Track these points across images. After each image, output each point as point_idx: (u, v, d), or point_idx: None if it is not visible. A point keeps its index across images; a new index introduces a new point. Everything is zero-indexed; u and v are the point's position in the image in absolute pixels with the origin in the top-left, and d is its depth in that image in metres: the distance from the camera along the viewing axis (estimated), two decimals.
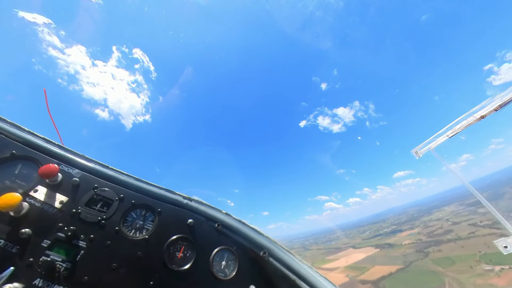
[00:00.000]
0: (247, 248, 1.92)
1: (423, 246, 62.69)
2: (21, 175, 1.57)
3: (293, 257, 1.96)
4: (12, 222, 1.36)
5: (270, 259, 1.90)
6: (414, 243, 67.74)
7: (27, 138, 1.68)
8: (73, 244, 1.43)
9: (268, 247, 1.93)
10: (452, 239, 61.37)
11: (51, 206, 1.49)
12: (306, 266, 1.92)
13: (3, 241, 1.29)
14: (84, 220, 1.53)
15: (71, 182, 1.62)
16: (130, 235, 1.62)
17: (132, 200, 1.73)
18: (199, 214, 1.91)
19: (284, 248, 2.00)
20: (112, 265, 1.46)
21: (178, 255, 1.69)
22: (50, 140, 1.77)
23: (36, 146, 1.67)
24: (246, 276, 1.82)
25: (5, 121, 1.70)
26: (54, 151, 1.70)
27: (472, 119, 1.96)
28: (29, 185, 1.52)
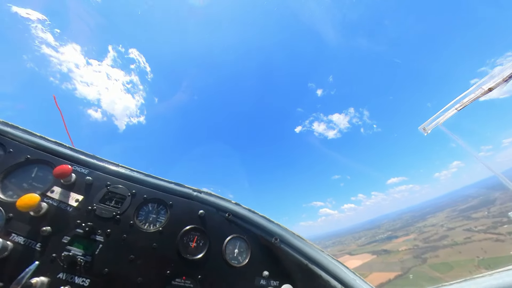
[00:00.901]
0: (258, 235, 1.95)
1: (420, 252, 62.41)
2: (37, 177, 1.64)
3: (304, 242, 1.98)
4: (32, 221, 1.42)
5: (282, 245, 1.93)
6: (410, 249, 67.40)
7: (39, 142, 1.74)
8: (92, 239, 1.49)
9: (279, 233, 1.95)
10: (449, 244, 60.96)
11: (67, 205, 1.55)
12: (318, 250, 1.94)
13: (25, 239, 1.35)
14: (100, 216, 1.58)
15: (84, 181, 1.67)
16: (144, 228, 1.67)
17: (144, 195, 1.78)
18: (210, 205, 1.94)
19: (295, 234, 2.02)
20: (130, 256, 1.51)
21: (191, 245, 1.74)
22: (61, 143, 1.83)
23: (48, 149, 1.73)
24: (259, 263, 1.85)
25: (17, 128, 1.76)
26: (66, 153, 1.76)
27: (480, 92, 1.89)
28: (46, 187, 1.59)
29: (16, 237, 1.35)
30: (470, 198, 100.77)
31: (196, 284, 1.61)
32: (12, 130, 1.72)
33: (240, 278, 1.74)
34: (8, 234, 1.34)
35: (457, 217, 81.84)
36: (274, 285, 1.80)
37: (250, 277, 1.77)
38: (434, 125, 2.30)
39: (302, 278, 1.88)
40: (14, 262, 1.28)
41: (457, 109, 1.91)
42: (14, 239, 1.34)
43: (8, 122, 1.77)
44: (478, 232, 60.34)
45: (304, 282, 1.87)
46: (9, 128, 1.72)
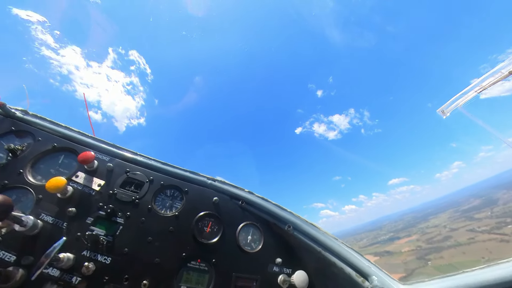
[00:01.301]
0: (271, 223, 1.97)
1: (424, 253, 59.52)
2: (63, 164, 1.75)
3: (318, 230, 1.97)
4: (59, 203, 1.52)
5: (295, 232, 1.93)
6: (413, 250, 64.43)
7: (64, 132, 1.86)
8: (113, 221, 1.57)
9: (292, 221, 1.95)
10: (452, 245, 57.92)
11: (91, 189, 1.65)
12: (331, 238, 1.93)
13: (53, 219, 1.45)
14: (120, 200, 1.66)
15: (106, 167, 1.77)
16: (161, 212, 1.73)
17: (161, 182, 1.85)
18: (223, 193, 1.99)
19: (308, 221, 2.01)
20: (148, 238, 1.57)
21: (206, 230, 1.78)
22: (84, 132, 1.94)
23: (73, 138, 1.85)
24: (272, 249, 1.87)
25: (45, 119, 1.89)
26: (89, 142, 1.87)
27: (500, 75, 1.81)
28: (71, 172, 1.69)
29: (45, 217, 1.44)
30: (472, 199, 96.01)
31: (210, 267, 1.64)
32: (40, 121, 1.85)
33: (253, 264, 1.76)
34: (38, 214, 1.44)
35: (459, 218, 78.33)
36: (287, 272, 1.80)
37: (263, 263, 1.79)
38: (453, 108, 2.21)
39: (315, 265, 1.87)
40: (43, 239, 1.37)
41: (477, 92, 1.84)
42: (43, 218, 1.43)
43: (37, 114, 1.90)
44: (482, 232, 57.32)
45: (317, 269, 1.86)
46: (37, 119, 1.85)
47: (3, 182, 1.50)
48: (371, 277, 1.61)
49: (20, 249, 1.31)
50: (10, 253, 1.29)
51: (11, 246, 1.31)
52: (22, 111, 1.85)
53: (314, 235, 1.91)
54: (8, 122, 1.75)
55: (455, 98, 1.95)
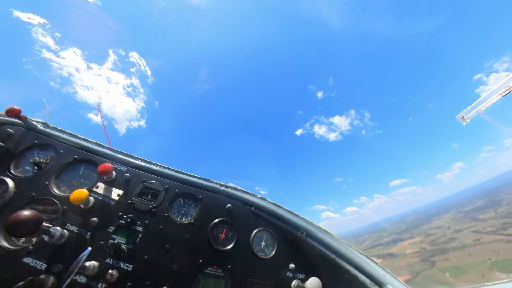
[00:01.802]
0: (284, 229, 2.00)
1: (428, 255, 57.96)
2: (84, 175, 1.84)
3: (331, 236, 1.98)
4: (82, 213, 1.61)
5: (308, 239, 1.95)
6: (418, 252, 62.85)
7: (84, 144, 1.95)
8: (132, 229, 1.65)
9: (305, 227, 1.98)
10: (458, 247, 56.06)
11: (110, 199, 1.73)
12: (345, 245, 1.94)
13: (78, 228, 1.54)
14: (138, 209, 1.74)
15: (123, 177, 1.85)
16: (177, 220, 1.80)
17: (176, 190, 1.92)
18: (236, 199, 2.03)
19: (321, 228, 2.03)
20: (166, 246, 1.65)
21: (220, 236, 1.84)
22: (102, 144, 2.03)
23: (91, 149, 1.93)
24: (285, 255, 1.90)
25: (65, 132, 1.99)
26: (107, 153, 1.95)
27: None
28: (91, 183, 1.78)
29: (70, 227, 1.53)
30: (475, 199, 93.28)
31: (226, 273, 1.70)
32: (60, 134, 1.94)
33: (267, 269, 1.80)
34: (64, 224, 1.53)
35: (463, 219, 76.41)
36: (301, 278, 1.83)
37: (277, 269, 1.83)
38: (474, 113, 2.08)
39: (328, 272, 1.89)
40: (70, 247, 1.46)
41: (502, 95, 1.73)
42: (69, 228, 1.52)
43: (57, 127, 2.00)
44: (487, 233, 55.41)
45: (330, 276, 1.88)
46: (57, 132, 1.95)
47: (31, 195, 1.60)
48: (386, 286, 1.62)
49: (50, 257, 1.40)
50: (42, 262, 1.39)
51: (42, 255, 1.41)
52: (43, 123, 1.95)
53: (327, 241, 1.93)
54: (31, 135, 1.85)
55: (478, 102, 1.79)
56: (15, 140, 1.80)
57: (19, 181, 1.64)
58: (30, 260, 1.37)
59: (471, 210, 76.80)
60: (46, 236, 1.38)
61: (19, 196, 1.58)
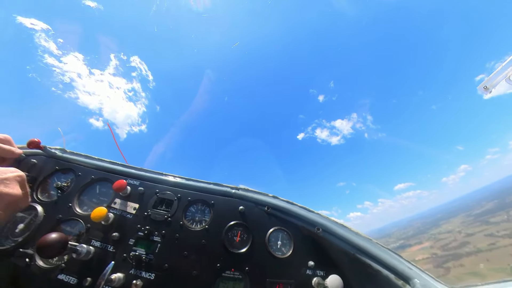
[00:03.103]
0: (299, 226, 2.00)
1: (441, 261, 53.25)
2: (102, 192, 2.00)
3: (349, 231, 1.94)
4: (104, 229, 1.76)
5: (325, 234, 1.93)
6: (429, 258, 57.91)
7: (98, 164, 2.11)
8: (151, 240, 1.76)
9: (321, 223, 1.96)
10: (472, 251, 50.75)
11: (128, 213, 1.86)
12: (365, 239, 1.89)
13: (101, 243, 1.68)
14: (154, 220, 1.85)
15: (138, 191, 1.97)
16: (192, 227, 1.89)
17: (188, 198, 2.00)
18: (248, 201, 2.07)
19: (338, 222, 2.00)
20: (184, 253, 1.74)
21: (236, 239, 1.89)
22: (115, 161, 2.18)
23: (106, 168, 2.09)
24: (303, 253, 1.91)
25: (80, 155, 2.16)
26: (120, 170, 2.09)
27: None
28: (109, 200, 1.93)
29: (95, 243, 1.68)
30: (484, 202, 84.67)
31: (244, 275, 1.75)
32: (77, 157, 2.12)
33: (285, 269, 1.82)
34: (89, 241, 1.69)
35: (473, 222, 69.90)
36: (321, 275, 1.83)
37: (296, 267, 1.84)
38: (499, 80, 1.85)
39: (350, 267, 1.86)
40: (96, 262, 1.61)
41: None
42: (93, 244, 1.68)
43: (74, 151, 2.18)
44: (502, 237, 49.78)
45: (352, 271, 1.85)
46: (74, 156, 2.13)
47: (58, 217, 1.78)
48: (413, 280, 1.55)
49: (79, 272, 1.57)
50: (73, 277, 1.55)
51: (73, 271, 1.57)
52: (60, 150, 2.14)
53: (345, 236, 1.89)
54: (52, 162, 2.04)
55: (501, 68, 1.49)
56: (39, 168, 2.00)
57: (46, 205, 1.84)
58: (64, 276, 1.54)
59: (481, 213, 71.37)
60: (74, 253, 1.53)
61: (48, 219, 1.77)
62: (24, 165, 2.00)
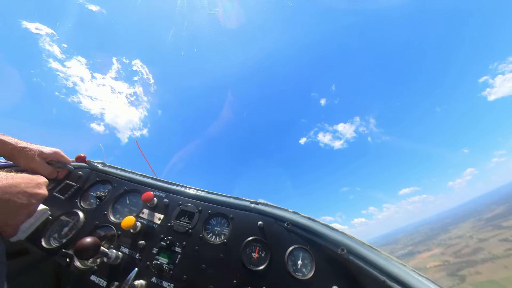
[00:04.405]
0: (322, 245, 1.92)
1: (455, 269, 42.97)
2: (132, 203, 2.24)
3: (379, 254, 1.80)
4: (132, 237, 1.95)
5: (350, 257, 1.82)
6: (441, 266, 47.15)
7: (131, 176, 2.39)
8: (173, 250, 1.89)
9: (345, 243, 1.86)
10: (488, 258, 40.27)
11: (153, 223, 2.04)
12: (397, 264, 1.73)
13: (129, 250, 1.86)
14: (176, 231, 1.99)
15: (163, 203, 2.16)
16: (211, 240, 1.97)
17: (208, 211, 2.11)
18: (268, 216, 2.08)
19: (365, 243, 1.87)
20: (202, 266, 1.81)
21: (254, 255, 1.90)
22: (145, 174, 2.44)
23: (137, 180, 2.35)
24: (326, 276, 1.81)
25: (117, 168, 2.48)
26: (148, 182, 2.33)
27: None
28: (138, 209, 2.15)
29: (123, 249, 1.87)
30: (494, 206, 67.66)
31: None
32: (114, 170, 2.44)
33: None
34: (118, 247, 1.89)
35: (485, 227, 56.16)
36: None
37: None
38: None
39: None
40: (124, 267, 1.78)
41: None
42: (122, 250, 1.86)
43: (112, 165, 2.52)
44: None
45: None
46: (112, 169, 2.46)
47: (95, 223, 2.04)
48: None
49: (109, 276, 1.75)
50: (103, 279, 1.74)
51: (103, 273, 1.76)
52: (101, 163, 2.50)
53: (374, 260, 1.76)
54: (94, 174, 2.39)
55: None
56: (83, 180, 2.36)
57: (87, 212, 2.13)
58: (95, 278, 1.74)
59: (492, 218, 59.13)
60: (105, 257, 1.73)
61: (87, 225, 2.04)
62: (73, 177, 2.37)
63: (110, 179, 2.38)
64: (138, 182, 2.33)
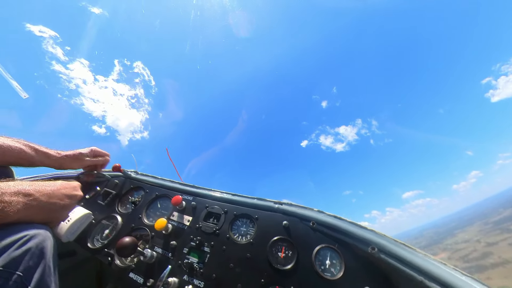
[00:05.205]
0: (350, 244, 1.89)
1: None
2: (163, 206, 2.42)
3: (413, 252, 1.72)
4: (165, 238, 2.11)
5: (382, 255, 1.76)
6: None
7: (160, 182, 2.59)
8: (202, 250, 2.00)
9: (375, 241, 1.80)
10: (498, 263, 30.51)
11: (183, 224, 2.19)
12: (436, 262, 1.63)
13: (162, 250, 2.02)
14: (204, 232, 2.11)
15: (191, 206, 2.31)
16: (238, 240, 2.04)
17: (234, 212, 2.21)
18: (292, 216, 2.11)
19: (398, 241, 1.80)
20: (230, 265, 1.89)
21: (280, 255, 1.93)
22: (173, 180, 2.63)
23: (166, 186, 2.55)
24: (357, 276, 1.76)
25: (148, 175, 2.72)
26: (177, 187, 2.51)
27: None
28: (169, 212, 2.32)
29: (157, 249, 2.03)
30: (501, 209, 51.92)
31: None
32: (146, 177, 2.68)
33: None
34: (153, 247, 2.05)
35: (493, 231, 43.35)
36: None
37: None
38: None
39: None
40: (158, 266, 1.93)
41: None
42: (156, 250, 2.02)
43: (144, 173, 2.76)
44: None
45: None
46: (144, 177, 2.70)
47: (131, 225, 2.25)
48: None
49: (145, 273, 1.90)
50: (140, 277, 1.90)
51: (140, 271, 1.93)
52: (134, 172, 2.76)
53: (410, 259, 1.68)
54: (128, 182, 2.65)
55: None
56: (119, 187, 2.62)
57: (124, 216, 2.36)
58: (133, 275, 1.91)
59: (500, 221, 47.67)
60: (142, 256, 1.90)
61: (125, 227, 2.26)
62: (111, 185, 2.65)
63: (142, 185, 2.61)
64: (167, 188, 2.52)
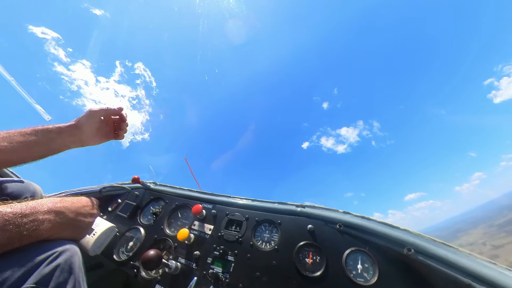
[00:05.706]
0: (382, 246, 1.77)
1: None
2: (183, 216, 2.43)
3: (457, 251, 1.58)
4: (187, 248, 2.10)
5: (420, 257, 1.64)
6: None
7: (179, 192, 2.61)
8: (226, 259, 1.96)
9: (411, 242, 1.68)
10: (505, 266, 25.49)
11: (205, 233, 2.17)
12: (484, 262, 1.48)
13: (186, 260, 2.01)
14: (227, 240, 2.07)
15: (211, 214, 2.29)
16: (262, 247, 1.99)
17: (256, 218, 2.16)
18: (316, 218, 2.02)
19: (437, 241, 1.66)
20: (256, 273, 1.83)
21: (308, 261, 1.85)
22: (192, 189, 2.64)
23: (185, 195, 2.55)
24: (393, 281, 1.65)
25: (166, 186, 2.75)
26: (196, 196, 2.51)
27: None
28: (190, 222, 2.32)
29: (181, 259, 2.03)
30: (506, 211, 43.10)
31: None
32: (165, 188, 2.71)
33: None
34: (176, 258, 2.05)
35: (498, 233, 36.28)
36: None
37: None
38: None
39: None
40: (183, 276, 1.92)
41: None
42: (180, 261, 2.02)
43: (162, 183, 2.80)
44: None
45: None
46: (162, 187, 2.73)
47: (154, 237, 2.27)
48: None
49: (170, 285, 1.90)
50: None
51: (165, 283, 1.92)
52: (153, 183, 2.80)
53: (452, 259, 1.54)
54: (148, 193, 2.69)
55: None
56: (140, 199, 2.67)
57: (146, 228, 2.38)
58: (159, 287, 1.90)
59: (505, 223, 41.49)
60: (167, 268, 1.90)
61: (148, 239, 2.28)
62: (131, 197, 2.70)
63: (162, 196, 2.64)
64: (186, 197, 2.53)
